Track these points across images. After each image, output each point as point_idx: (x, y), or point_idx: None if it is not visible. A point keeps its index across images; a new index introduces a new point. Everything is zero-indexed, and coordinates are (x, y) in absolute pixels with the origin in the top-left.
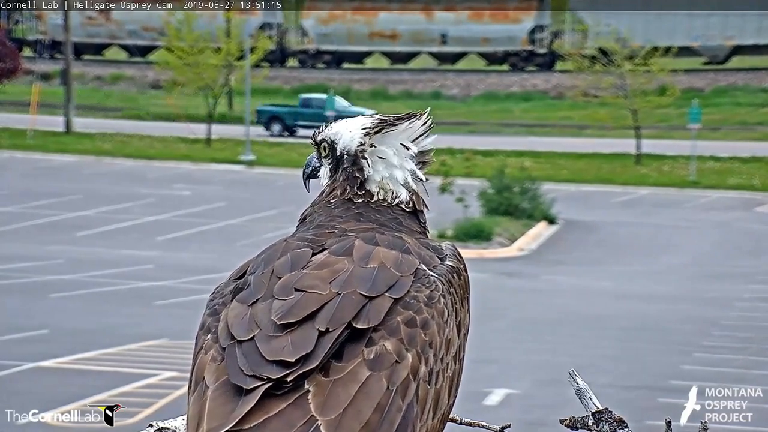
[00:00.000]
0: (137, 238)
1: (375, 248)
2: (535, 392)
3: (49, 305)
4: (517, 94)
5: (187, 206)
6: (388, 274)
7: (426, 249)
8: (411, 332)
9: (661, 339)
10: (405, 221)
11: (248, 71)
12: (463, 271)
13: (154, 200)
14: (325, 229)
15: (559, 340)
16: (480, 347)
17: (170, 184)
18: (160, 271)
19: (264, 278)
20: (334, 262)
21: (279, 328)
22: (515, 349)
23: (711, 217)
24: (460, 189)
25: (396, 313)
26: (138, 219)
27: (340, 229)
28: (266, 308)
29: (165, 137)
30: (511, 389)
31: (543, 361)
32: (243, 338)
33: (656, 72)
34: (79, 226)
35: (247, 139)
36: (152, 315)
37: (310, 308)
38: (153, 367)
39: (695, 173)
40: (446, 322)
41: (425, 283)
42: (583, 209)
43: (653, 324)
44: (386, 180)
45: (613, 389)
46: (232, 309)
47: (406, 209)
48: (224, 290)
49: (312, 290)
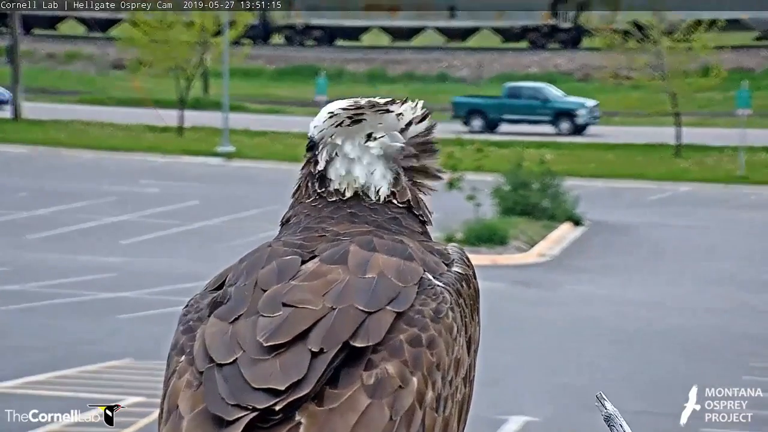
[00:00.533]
0: (97, 241)
1: (373, 254)
2: (557, 419)
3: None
4: (537, 76)
5: (156, 205)
6: (389, 284)
7: (430, 254)
8: (416, 352)
9: (706, 359)
10: (405, 221)
11: (226, 49)
12: (473, 278)
13: (116, 198)
14: (314, 232)
15: (585, 359)
16: (493, 367)
17: (136, 179)
18: (123, 281)
19: (247, 290)
20: (327, 272)
21: (265, 349)
22: (534, 370)
23: (762, 217)
24: (470, 185)
25: (398, 330)
26: (98, 220)
27: (331, 232)
28: (250, 326)
29: (129, 125)
30: (529, 416)
31: (566, 384)
32: (223, 361)
33: (699, 49)
34: (29, 228)
35: (225, 127)
36: (115, 331)
37: (301, 326)
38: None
39: (744, 167)
40: (455, 339)
41: (431, 294)
42: (613, 208)
43: (695, 342)
44: (345, 175)
45: (647, 416)
46: (210, 326)
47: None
48: (200, 303)
49: (303, 305)
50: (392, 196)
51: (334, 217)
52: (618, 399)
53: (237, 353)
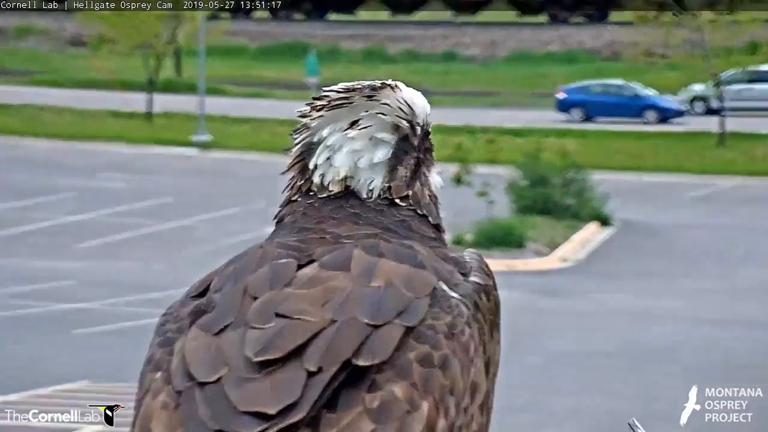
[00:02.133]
0: (53, 244)
1: (379, 260)
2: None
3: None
4: (558, 55)
5: (121, 202)
6: (398, 295)
7: (444, 261)
8: (427, 373)
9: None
10: (415, 224)
11: (202, 24)
12: (493, 289)
13: (76, 194)
14: (312, 233)
15: (615, 380)
16: (511, 389)
17: (98, 172)
18: (83, 289)
19: (234, 298)
20: (328, 279)
21: (255, 367)
22: (557, 392)
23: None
24: (481, 180)
25: (407, 347)
26: (54, 219)
27: (332, 234)
28: (238, 340)
29: (90, 111)
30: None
31: (594, 408)
32: (206, 379)
33: (745, 23)
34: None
35: (201, 113)
36: (71, 348)
37: (296, 341)
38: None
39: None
40: (472, 360)
41: (445, 307)
42: (647, 206)
43: (740, 359)
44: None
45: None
46: (191, 339)
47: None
48: (180, 312)
49: (299, 316)
50: (388, 191)
51: (335, 218)
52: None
53: (222, 371)
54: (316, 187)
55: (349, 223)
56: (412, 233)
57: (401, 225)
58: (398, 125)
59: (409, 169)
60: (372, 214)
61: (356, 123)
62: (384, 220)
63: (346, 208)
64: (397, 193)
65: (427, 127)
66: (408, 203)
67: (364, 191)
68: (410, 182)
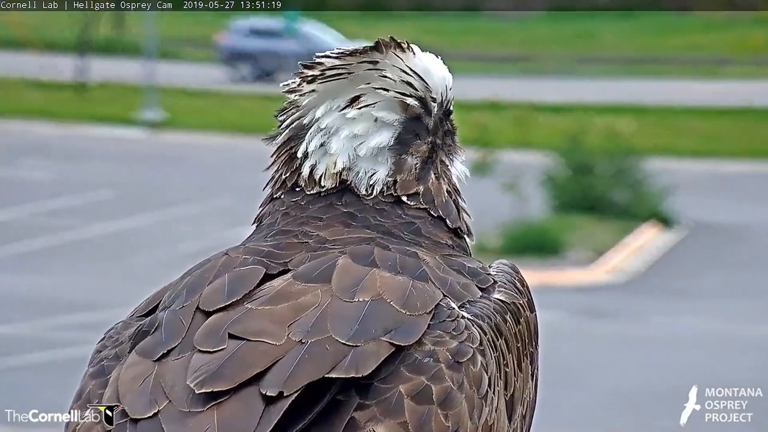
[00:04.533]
0: None
1: (370, 271)
2: None
3: None
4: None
5: (45, 197)
6: (388, 312)
7: (458, 273)
8: (421, 412)
9: None
10: (425, 227)
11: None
12: (525, 309)
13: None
14: (292, 237)
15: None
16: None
17: (15, 158)
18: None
19: (183, 315)
20: (300, 293)
21: (200, 398)
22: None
23: None
24: (510, 169)
25: (397, 378)
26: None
27: (316, 237)
28: (182, 366)
29: (5, 79)
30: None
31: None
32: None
33: None
34: None
35: (151, 83)
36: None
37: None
38: None
39: None
40: (484, 397)
41: (450, 329)
42: (724, 203)
43: None
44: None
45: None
46: (127, 366)
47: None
48: (121, 335)
49: (257, 338)
50: (394, 186)
51: (323, 218)
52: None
53: (161, 404)
54: (304, 180)
55: (339, 225)
56: (421, 238)
57: (407, 228)
58: (407, 103)
59: (420, 159)
60: (369, 213)
61: (357, 100)
62: (384, 221)
63: (337, 206)
64: (404, 190)
65: (447, 104)
66: (418, 201)
67: (363, 186)
68: (422, 175)
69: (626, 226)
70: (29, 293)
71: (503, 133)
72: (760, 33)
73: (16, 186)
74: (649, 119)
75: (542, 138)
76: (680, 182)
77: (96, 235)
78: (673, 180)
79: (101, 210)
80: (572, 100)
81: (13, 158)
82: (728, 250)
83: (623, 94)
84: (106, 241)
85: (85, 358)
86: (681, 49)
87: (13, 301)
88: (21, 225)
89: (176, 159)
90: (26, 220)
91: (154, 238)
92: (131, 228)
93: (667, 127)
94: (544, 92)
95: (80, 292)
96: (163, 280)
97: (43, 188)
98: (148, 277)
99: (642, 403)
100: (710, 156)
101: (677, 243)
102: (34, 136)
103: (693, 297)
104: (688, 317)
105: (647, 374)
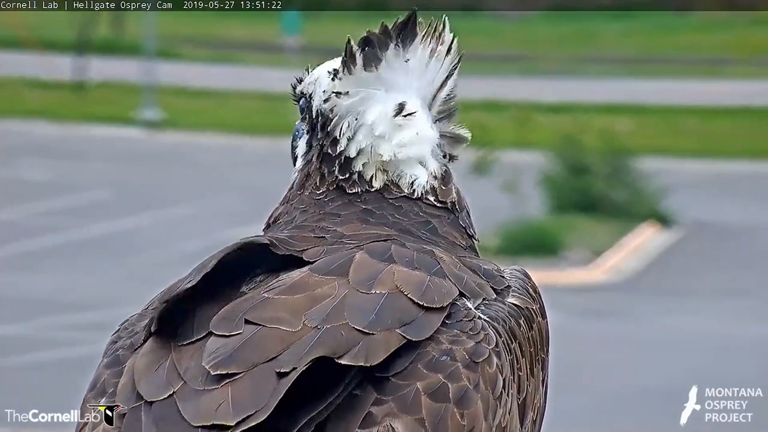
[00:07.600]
0: None
1: (387, 267)
2: None
3: None
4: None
5: (45, 197)
6: (403, 305)
7: (474, 273)
8: (438, 409)
9: None
10: (443, 227)
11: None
12: (538, 315)
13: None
14: (308, 231)
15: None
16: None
17: (13, 159)
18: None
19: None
20: (317, 284)
21: (214, 379)
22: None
23: None
24: (508, 169)
25: (414, 375)
26: None
27: (333, 233)
28: (196, 350)
29: (4, 79)
30: None
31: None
32: (155, 398)
33: None
34: None
35: (150, 83)
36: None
37: (266, 352)
38: None
39: None
40: (500, 399)
41: (467, 329)
42: (723, 203)
43: None
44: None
45: None
46: (143, 354)
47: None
48: (135, 326)
49: (273, 324)
50: (431, 192)
51: (341, 215)
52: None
53: (175, 386)
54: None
55: (357, 222)
56: (437, 237)
57: (424, 227)
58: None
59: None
60: (388, 211)
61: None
62: (402, 219)
63: (356, 204)
64: (442, 197)
65: None
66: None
67: (405, 188)
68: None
69: (625, 226)
70: (29, 293)
71: (502, 133)
72: (760, 33)
73: (15, 186)
74: (649, 119)
75: (540, 138)
76: (679, 182)
77: (95, 234)
78: (673, 180)
79: (100, 210)
80: (572, 100)
81: (12, 158)
82: (727, 250)
83: (623, 94)
84: (105, 240)
85: (85, 357)
86: (681, 49)
87: (13, 301)
88: (20, 225)
89: (176, 159)
90: (25, 219)
91: (154, 238)
92: (130, 228)
93: (667, 126)
94: (544, 92)
95: (80, 292)
96: (162, 280)
97: (42, 188)
98: (147, 276)
99: (641, 403)
100: (710, 156)
101: (676, 243)
102: (34, 136)
103: (692, 297)
104: (687, 317)
105: (646, 374)
